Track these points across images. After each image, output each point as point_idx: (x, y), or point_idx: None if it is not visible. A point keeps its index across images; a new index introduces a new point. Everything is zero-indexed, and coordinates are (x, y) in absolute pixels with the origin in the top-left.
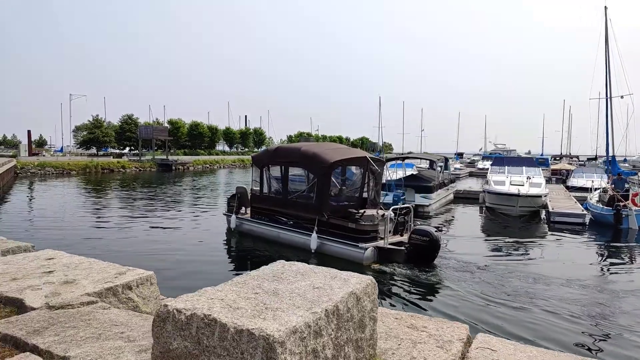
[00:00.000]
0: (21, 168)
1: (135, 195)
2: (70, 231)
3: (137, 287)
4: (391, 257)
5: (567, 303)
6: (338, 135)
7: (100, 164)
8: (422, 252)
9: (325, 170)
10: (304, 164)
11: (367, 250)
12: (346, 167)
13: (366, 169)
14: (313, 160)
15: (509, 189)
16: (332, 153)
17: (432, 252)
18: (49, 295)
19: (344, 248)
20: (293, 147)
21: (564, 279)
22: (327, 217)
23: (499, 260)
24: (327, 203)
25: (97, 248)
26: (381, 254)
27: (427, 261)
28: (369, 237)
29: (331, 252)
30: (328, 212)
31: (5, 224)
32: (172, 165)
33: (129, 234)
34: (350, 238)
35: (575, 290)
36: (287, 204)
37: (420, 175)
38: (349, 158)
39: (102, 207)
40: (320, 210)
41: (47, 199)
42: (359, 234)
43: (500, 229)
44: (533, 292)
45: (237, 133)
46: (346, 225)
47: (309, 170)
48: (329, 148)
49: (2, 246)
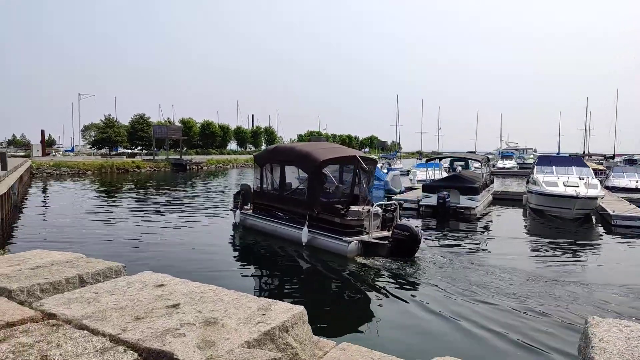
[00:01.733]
0: (37, 168)
1: (161, 198)
2: (120, 242)
3: (292, 329)
4: (375, 251)
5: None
6: (347, 134)
7: (115, 164)
8: (403, 246)
9: (316, 168)
10: (297, 163)
11: (351, 243)
12: (342, 166)
13: (356, 167)
14: (305, 159)
15: (566, 191)
16: (323, 152)
17: (412, 245)
18: (200, 345)
19: (330, 241)
20: (289, 147)
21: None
22: (317, 213)
23: (572, 267)
24: (317, 199)
25: (158, 259)
26: (366, 248)
27: (408, 254)
28: (353, 232)
29: (320, 245)
30: (318, 208)
31: (46, 234)
32: (187, 165)
33: (166, 238)
34: (336, 232)
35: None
36: (283, 200)
37: (463, 176)
38: (339, 157)
39: (134, 212)
40: (311, 205)
41: (74, 202)
42: (344, 228)
43: (554, 233)
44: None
45: (249, 132)
46: (333, 220)
47: (301, 168)
48: (321, 147)
49: (89, 267)
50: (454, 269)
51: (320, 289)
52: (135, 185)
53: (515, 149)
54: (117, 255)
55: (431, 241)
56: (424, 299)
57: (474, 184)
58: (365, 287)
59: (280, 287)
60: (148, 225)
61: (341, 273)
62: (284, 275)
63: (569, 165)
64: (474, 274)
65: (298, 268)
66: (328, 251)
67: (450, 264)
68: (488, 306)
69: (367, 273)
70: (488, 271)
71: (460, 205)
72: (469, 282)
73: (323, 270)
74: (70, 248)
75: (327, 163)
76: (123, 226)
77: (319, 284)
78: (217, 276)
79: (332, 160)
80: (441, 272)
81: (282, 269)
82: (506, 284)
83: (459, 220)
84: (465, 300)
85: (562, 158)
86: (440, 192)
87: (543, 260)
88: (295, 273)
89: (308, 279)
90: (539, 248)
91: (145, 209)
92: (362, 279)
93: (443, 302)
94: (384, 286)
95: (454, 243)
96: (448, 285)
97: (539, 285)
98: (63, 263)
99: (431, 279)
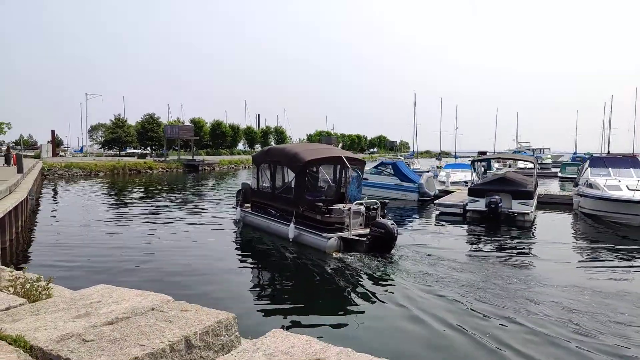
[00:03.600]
0: (48, 170)
1: (182, 200)
2: (153, 259)
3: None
4: (355, 247)
5: None
6: (356, 134)
7: (127, 164)
8: (380, 243)
9: (301, 168)
10: (286, 162)
11: (330, 240)
12: (335, 166)
13: (342, 167)
14: (292, 159)
15: (634, 195)
16: (310, 153)
17: (388, 242)
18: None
19: (312, 237)
20: (280, 147)
21: None
22: (302, 210)
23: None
24: (303, 197)
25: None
26: (345, 244)
27: (384, 251)
28: (333, 228)
29: (304, 241)
30: (304, 206)
31: (69, 243)
32: (199, 165)
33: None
34: (317, 228)
35: None
36: (274, 198)
37: (512, 178)
38: (324, 157)
39: (159, 218)
40: (296, 203)
41: (92, 206)
42: (324, 225)
43: (620, 240)
44: None
45: (259, 132)
46: (315, 217)
47: (289, 168)
48: (308, 148)
49: (190, 322)
50: (506, 283)
51: (296, 282)
52: (150, 187)
53: (528, 148)
54: (154, 275)
55: (482, 252)
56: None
57: (526, 187)
58: (335, 282)
59: (259, 282)
60: (181, 233)
61: (318, 267)
62: (265, 270)
63: (626, 166)
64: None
65: (280, 263)
66: (311, 247)
67: (501, 278)
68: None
69: (339, 268)
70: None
71: (513, 211)
72: (525, 298)
73: (301, 264)
74: (103, 265)
75: (312, 163)
76: (152, 236)
77: (295, 278)
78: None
79: (317, 161)
80: (470, 280)
81: (267, 263)
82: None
83: (511, 227)
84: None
85: (614, 159)
86: (492, 197)
87: (612, 272)
88: (276, 267)
89: (286, 272)
90: (605, 259)
91: (171, 215)
92: (337, 273)
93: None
94: (355, 282)
95: (508, 254)
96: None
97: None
98: (148, 312)
99: (450, 287)
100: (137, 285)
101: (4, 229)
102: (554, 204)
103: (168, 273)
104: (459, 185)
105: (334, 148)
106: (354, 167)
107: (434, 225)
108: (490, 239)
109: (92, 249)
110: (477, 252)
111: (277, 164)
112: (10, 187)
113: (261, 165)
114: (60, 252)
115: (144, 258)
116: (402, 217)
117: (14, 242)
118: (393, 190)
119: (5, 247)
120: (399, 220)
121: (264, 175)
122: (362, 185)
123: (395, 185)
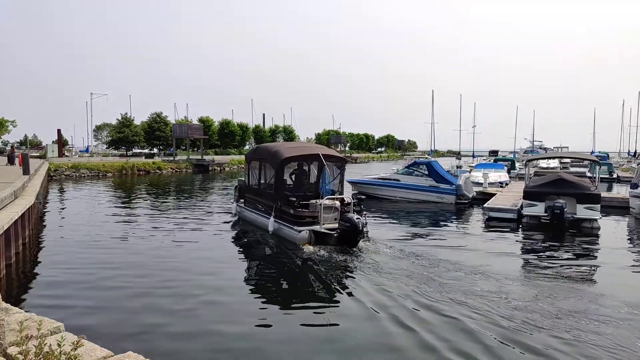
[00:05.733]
0: (55, 170)
1: (199, 203)
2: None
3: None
4: (325, 240)
5: None
6: (364, 133)
7: (136, 165)
8: (346, 237)
9: (280, 165)
10: (268, 160)
11: (301, 232)
12: (313, 163)
13: (320, 164)
14: (273, 156)
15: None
16: (288, 150)
17: (353, 236)
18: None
19: (287, 230)
20: (265, 146)
21: None
22: (280, 205)
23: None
24: (282, 192)
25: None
26: (317, 237)
27: (350, 244)
28: (305, 222)
29: (281, 233)
30: (282, 200)
31: (82, 255)
32: (209, 165)
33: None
34: (290, 222)
35: None
36: (260, 194)
37: (571, 180)
38: (302, 155)
39: (178, 224)
40: (276, 198)
41: (102, 209)
42: (296, 218)
43: None
44: None
45: (267, 131)
46: (289, 211)
47: (270, 165)
48: (290, 146)
49: None
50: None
51: (262, 273)
52: (161, 188)
53: (541, 147)
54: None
55: (553, 266)
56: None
57: (590, 190)
58: (296, 272)
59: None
60: (206, 241)
61: (288, 258)
62: (240, 261)
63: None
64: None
65: (256, 254)
66: (286, 239)
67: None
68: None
69: (305, 259)
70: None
71: (579, 217)
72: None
73: (273, 254)
74: (124, 291)
75: (290, 160)
76: (171, 244)
77: (264, 269)
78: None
79: (294, 158)
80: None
81: (248, 254)
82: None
83: (577, 236)
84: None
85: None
86: (555, 201)
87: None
88: (253, 258)
89: (261, 264)
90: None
91: (192, 221)
92: (303, 264)
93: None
94: (325, 275)
95: (590, 264)
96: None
97: None
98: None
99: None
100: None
101: (9, 242)
102: (607, 207)
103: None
104: (494, 186)
105: (314, 145)
106: (335, 165)
107: (482, 231)
108: (561, 249)
109: (110, 270)
110: (549, 268)
111: (262, 162)
112: (16, 191)
113: (251, 163)
114: (74, 272)
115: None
116: (441, 222)
117: (21, 256)
118: (427, 192)
119: (10, 262)
120: (438, 227)
121: (253, 172)
122: (344, 182)
123: (430, 187)
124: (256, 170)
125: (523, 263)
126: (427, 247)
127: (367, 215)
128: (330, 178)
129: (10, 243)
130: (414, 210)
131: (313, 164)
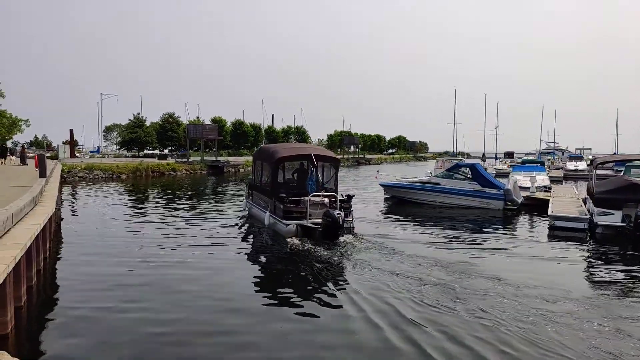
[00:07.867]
0: (68, 172)
1: (225, 207)
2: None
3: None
4: (310, 234)
5: None
6: (376, 134)
7: (150, 166)
8: (328, 231)
9: (275, 164)
10: (267, 159)
11: (289, 226)
12: (306, 162)
13: (312, 163)
14: (270, 156)
15: None
16: (283, 151)
17: (334, 230)
18: None
19: (277, 224)
20: (266, 146)
21: None
22: (275, 201)
23: None
24: (276, 189)
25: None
26: (303, 230)
27: (332, 238)
28: (292, 216)
29: (274, 227)
30: (276, 197)
31: (107, 270)
32: (224, 167)
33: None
34: (280, 216)
35: None
36: (262, 191)
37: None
38: (296, 155)
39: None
40: (271, 195)
41: (122, 216)
42: (285, 213)
43: None
44: None
45: (280, 132)
46: (280, 207)
47: (268, 164)
48: (286, 147)
49: None
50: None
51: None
52: (178, 192)
53: (557, 148)
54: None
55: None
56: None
57: None
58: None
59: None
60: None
61: (275, 249)
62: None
63: None
64: None
65: (250, 246)
66: (277, 232)
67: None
68: None
69: (289, 251)
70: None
71: None
72: None
73: (262, 245)
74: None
75: (284, 160)
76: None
77: (251, 261)
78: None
79: (288, 158)
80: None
81: (246, 245)
82: None
83: None
84: None
85: None
86: (638, 209)
87: None
88: (244, 248)
89: (246, 252)
90: None
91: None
92: (288, 256)
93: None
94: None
95: None
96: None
97: None
98: None
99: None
100: None
101: (31, 261)
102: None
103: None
104: (540, 190)
105: (308, 146)
106: (330, 164)
107: (548, 242)
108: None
109: (139, 291)
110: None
111: (263, 161)
112: (35, 197)
113: (256, 162)
114: (100, 292)
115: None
116: (489, 230)
117: (42, 276)
118: (472, 197)
119: (32, 284)
120: (486, 235)
121: (257, 171)
122: (337, 180)
123: (475, 192)
124: (260, 169)
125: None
126: (500, 267)
127: (354, 211)
128: (317, 176)
129: (31, 262)
130: (457, 216)
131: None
